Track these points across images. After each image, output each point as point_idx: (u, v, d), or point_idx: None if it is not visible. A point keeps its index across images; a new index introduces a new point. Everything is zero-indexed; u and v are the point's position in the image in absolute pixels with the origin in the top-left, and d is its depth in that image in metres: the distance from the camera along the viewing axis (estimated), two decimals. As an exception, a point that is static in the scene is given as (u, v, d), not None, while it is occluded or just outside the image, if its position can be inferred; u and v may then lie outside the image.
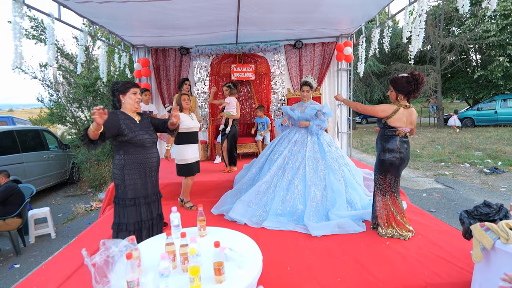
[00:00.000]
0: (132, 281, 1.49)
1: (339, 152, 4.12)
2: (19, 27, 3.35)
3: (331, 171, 3.82)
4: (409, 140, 3.12)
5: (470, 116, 16.34)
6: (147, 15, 4.61)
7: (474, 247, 1.98)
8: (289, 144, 4.03)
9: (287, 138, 4.11)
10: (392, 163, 3.01)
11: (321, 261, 2.72)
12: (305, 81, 4.00)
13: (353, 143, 11.81)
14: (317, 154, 3.92)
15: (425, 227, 3.31)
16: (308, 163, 3.83)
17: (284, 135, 4.20)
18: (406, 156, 3.03)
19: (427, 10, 4.02)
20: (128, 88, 2.63)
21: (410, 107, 3.01)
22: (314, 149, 3.94)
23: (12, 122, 10.67)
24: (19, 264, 4.08)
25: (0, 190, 4.34)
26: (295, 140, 4.02)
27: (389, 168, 3.05)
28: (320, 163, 3.87)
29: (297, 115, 4.03)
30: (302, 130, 4.07)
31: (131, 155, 2.57)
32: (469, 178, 7.06)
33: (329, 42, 6.71)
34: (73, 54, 10.41)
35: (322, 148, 3.96)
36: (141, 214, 2.62)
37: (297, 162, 3.89)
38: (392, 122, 2.98)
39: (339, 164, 3.95)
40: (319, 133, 4.00)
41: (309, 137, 4.00)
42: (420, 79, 2.88)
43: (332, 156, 3.93)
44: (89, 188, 8.19)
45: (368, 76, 17.76)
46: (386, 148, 3.03)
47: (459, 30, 17.85)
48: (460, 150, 10.15)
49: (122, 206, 2.58)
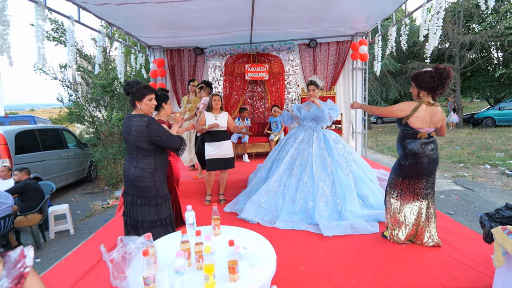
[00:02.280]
0: (148, 277, 1.52)
1: (346, 148, 4.12)
2: (41, 30, 3.45)
3: (338, 167, 3.83)
4: (435, 139, 2.83)
5: (491, 116, 15.79)
6: (162, 16, 4.68)
7: (495, 251, 1.92)
8: (295, 143, 4.05)
9: (294, 137, 4.14)
10: (416, 168, 2.76)
11: (335, 262, 2.69)
12: (311, 80, 4.03)
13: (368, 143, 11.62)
14: (324, 151, 3.93)
15: (443, 230, 3.22)
16: (315, 160, 3.85)
17: (291, 134, 4.24)
18: (432, 159, 2.76)
19: (445, 7, 3.90)
20: (145, 95, 2.68)
21: (434, 105, 2.72)
22: (320, 147, 3.96)
23: (34, 122, 11.02)
24: (40, 259, 4.22)
25: (16, 186, 4.50)
26: (301, 138, 4.05)
27: (411, 174, 2.82)
28: (327, 160, 3.88)
29: (302, 114, 4.07)
30: (307, 128, 4.10)
31: (159, 160, 2.77)
32: (489, 180, 6.84)
33: (344, 41, 6.63)
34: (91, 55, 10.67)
35: (329, 145, 3.97)
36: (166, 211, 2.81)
37: (304, 159, 3.91)
38: (413, 123, 2.70)
39: (347, 160, 3.96)
40: (325, 118, 3.93)
41: (315, 135, 4.02)
42: (445, 74, 2.60)
43: (339, 153, 3.95)
44: (106, 186, 8.38)
45: (384, 75, 17.43)
46: (408, 152, 2.77)
47: (479, 27, 17.29)
48: (480, 151, 9.84)
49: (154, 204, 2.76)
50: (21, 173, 4.72)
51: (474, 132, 14.18)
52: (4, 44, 3.04)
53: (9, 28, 3.05)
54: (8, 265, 1.09)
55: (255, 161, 6.18)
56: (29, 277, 1.15)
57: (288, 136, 4.29)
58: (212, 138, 4.15)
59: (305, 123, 4.12)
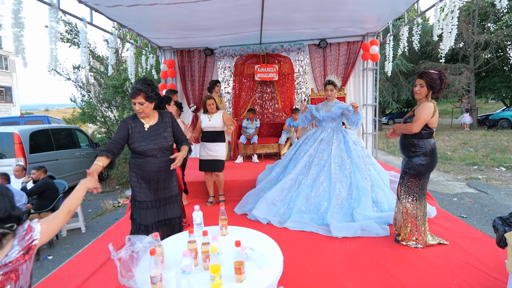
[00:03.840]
0: (155, 276, 1.53)
1: (365, 151, 4.06)
2: (54, 32, 3.52)
3: (357, 169, 3.77)
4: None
5: (506, 117, 15.39)
6: (173, 17, 4.72)
7: (509, 256, 1.87)
8: (314, 143, 4.01)
9: (313, 138, 4.10)
10: (431, 166, 2.85)
11: (344, 264, 2.66)
12: (329, 80, 3.96)
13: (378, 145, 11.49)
14: (343, 152, 3.88)
15: (455, 233, 3.16)
16: (333, 161, 3.81)
17: (310, 134, 4.20)
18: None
19: (460, 5, 3.82)
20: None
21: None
22: (340, 147, 3.91)
23: (48, 121, 11.28)
24: (52, 256, 4.31)
25: (38, 185, 4.61)
26: (321, 138, 4.01)
27: (424, 173, 2.87)
28: (346, 161, 3.83)
29: (321, 115, 4.00)
30: (327, 129, 4.05)
31: (133, 159, 2.57)
32: (505, 182, 6.66)
33: (355, 41, 6.56)
34: (103, 56, 10.86)
35: (348, 147, 3.92)
36: (150, 217, 2.56)
37: (323, 159, 3.87)
38: (433, 123, 2.76)
39: (365, 163, 3.89)
40: (359, 122, 3.80)
41: (335, 136, 3.98)
42: (445, 79, 2.78)
43: (358, 155, 3.88)
44: (117, 185, 8.50)
45: (396, 75, 17.17)
46: (428, 152, 2.80)
47: (495, 26, 16.87)
48: (495, 153, 9.59)
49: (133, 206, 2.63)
50: (38, 171, 4.83)
51: (489, 134, 13.83)
52: (19, 45, 3.12)
53: (24, 30, 3.13)
54: (18, 236, 1.31)
55: (264, 161, 6.18)
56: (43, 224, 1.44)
57: (306, 136, 4.25)
58: (205, 137, 4.27)
59: (324, 124, 4.06)
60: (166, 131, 2.55)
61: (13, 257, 1.27)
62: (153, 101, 2.48)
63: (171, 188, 2.65)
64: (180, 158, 2.46)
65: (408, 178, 2.92)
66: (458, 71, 15.79)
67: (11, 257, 1.26)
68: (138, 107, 2.41)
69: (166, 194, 2.61)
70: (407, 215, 2.95)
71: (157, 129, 2.52)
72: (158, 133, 2.51)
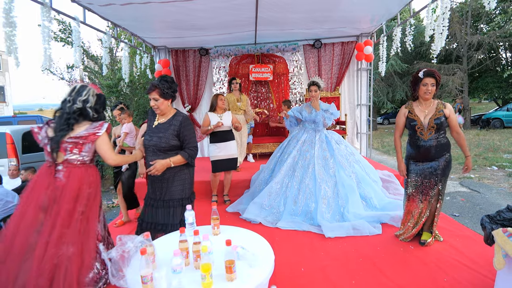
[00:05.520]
0: (146, 276, 1.53)
1: (348, 149, 4.13)
2: (47, 31, 3.50)
3: (340, 167, 3.83)
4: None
5: (499, 117, 15.58)
6: (167, 16, 4.71)
7: (496, 254, 1.90)
8: (297, 144, 4.05)
9: (296, 139, 4.15)
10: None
11: (336, 263, 2.68)
12: (313, 81, 4.04)
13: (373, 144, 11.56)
14: (326, 153, 3.94)
15: (447, 232, 3.20)
16: (317, 162, 3.85)
17: (293, 136, 4.24)
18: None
19: (451, 7, 3.86)
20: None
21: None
22: (322, 148, 3.96)
23: (41, 121, 11.16)
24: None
25: (24, 185, 4.56)
26: (304, 140, 4.05)
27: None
28: (329, 161, 3.89)
29: (304, 116, 4.07)
30: (310, 130, 4.10)
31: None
32: (496, 181, 6.74)
33: (349, 41, 6.60)
34: (97, 55, 10.79)
35: (331, 146, 3.97)
36: (149, 215, 2.58)
37: (306, 160, 3.91)
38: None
39: (349, 161, 3.96)
40: (320, 123, 3.96)
41: (317, 136, 4.02)
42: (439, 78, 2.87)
43: (341, 154, 3.95)
44: (111, 185, 8.45)
45: (390, 75, 17.29)
46: (449, 148, 2.89)
47: (487, 27, 17.07)
48: (488, 152, 9.70)
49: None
50: (26, 172, 4.78)
51: (482, 134, 14.00)
52: (12, 45, 3.10)
53: (16, 29, 3.11)
54: (91, 125, 2.19)
55: (259, 161, 6.19)
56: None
57: (290, 137, 4.29)
58: (218, 139, 4.17)
59: (307, 125, 4.12)
60: (167, 132, 2.50)
61: (81, 134, 2.12)
62: (169, 98, 2.53)
63: (172, 191, 2.55)
64: (158, 167, 2.39)
65: (447, 176, 2.93)
66: (452, 72, 15.94)
67: (81, 134, 2.12)
68: (153, 103, 2.48)
69: (164, 196, 2.55)
70: (438, 213, 2.99)
71: (161, 128, 2.53)
72: (159, 132, 2.51)
